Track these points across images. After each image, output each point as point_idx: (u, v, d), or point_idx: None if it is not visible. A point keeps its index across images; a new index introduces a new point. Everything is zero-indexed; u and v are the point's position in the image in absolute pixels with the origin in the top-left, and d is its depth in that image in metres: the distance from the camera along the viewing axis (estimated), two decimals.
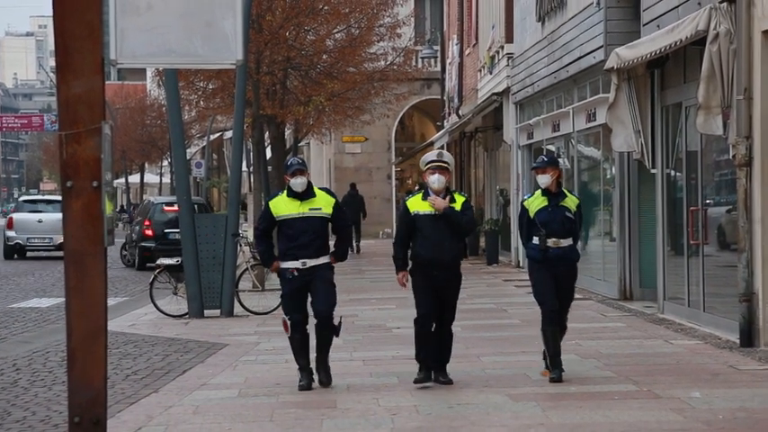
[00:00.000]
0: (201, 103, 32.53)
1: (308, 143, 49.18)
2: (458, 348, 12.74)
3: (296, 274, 10.19)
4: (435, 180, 10.24)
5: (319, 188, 10.52)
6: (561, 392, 9.83)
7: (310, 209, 10.26)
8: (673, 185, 15.83)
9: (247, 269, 18.53)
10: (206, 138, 51.21)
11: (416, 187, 46.83)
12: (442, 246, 10.12)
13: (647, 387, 9.87)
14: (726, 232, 14.10)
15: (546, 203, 10.54)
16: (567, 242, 10.52)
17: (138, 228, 31.01)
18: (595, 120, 18.95)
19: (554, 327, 10.41)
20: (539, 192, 10.69)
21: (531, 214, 10.57)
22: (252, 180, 36.97)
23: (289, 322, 10.27)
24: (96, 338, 6.37)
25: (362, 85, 30.98)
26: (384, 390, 10.12)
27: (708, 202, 14.44)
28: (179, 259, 17.54)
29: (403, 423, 8.65)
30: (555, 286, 10.45)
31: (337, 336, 10.42)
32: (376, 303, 18.46)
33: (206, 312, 16.98)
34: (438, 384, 10.13)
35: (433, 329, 10.26)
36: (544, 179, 10.58)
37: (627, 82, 15.82)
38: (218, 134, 56.00)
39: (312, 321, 10.36)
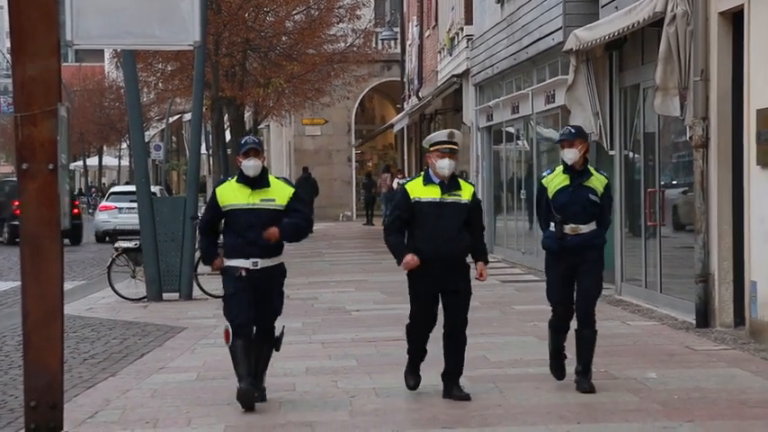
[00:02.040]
0: (160, 84, 32.34)
1: (268, 125, 49.01)
2: None
3: (244, 274, 8.68)
4: (446, 166, 8.72)
5: (277, 178, 9.02)
6: (519, 374, 9.88)
7: (262, 200, 8.68)
8: (631, 167, 15.91)
9: None
10: (165, 120, 50.93)
11: (383, 171, 46.79)
12: (448, 238, 8.64)
13: (604, 368, 9.93)
14: (682, 214, 14.21)
15: (567, 182, 8.99)
16: (587, 228, 8.97)
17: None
18: (554, 101, 19.01)
19: (560, 329, 9.16)
20: (560, 168, 9.12)
21: (551, 194, 9.05)
22: (211, 163, 36.83)
23: (231, 329, 8.67)
24: (52, 322, 6.32)
25: (322, 67, 30.91)
26: (342, 372, 10.12)
27: (662, 183, 14.54)
28: (137, 242, 17.46)
29: (361, 405, 8.66)
30: (571, 284, 9.01)
31: (277, 349, 9.03)
32: (335, 286, 18.45)
33: (164, 296, 16.91)
34: (453, 400, 8.72)
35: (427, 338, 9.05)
36: (571, 154, 8.98)
37: (585, 63, 15.87)
38: (177, 116, 55.69)
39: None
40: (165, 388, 9.64)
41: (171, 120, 52.97)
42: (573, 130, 9.16)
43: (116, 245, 18.21)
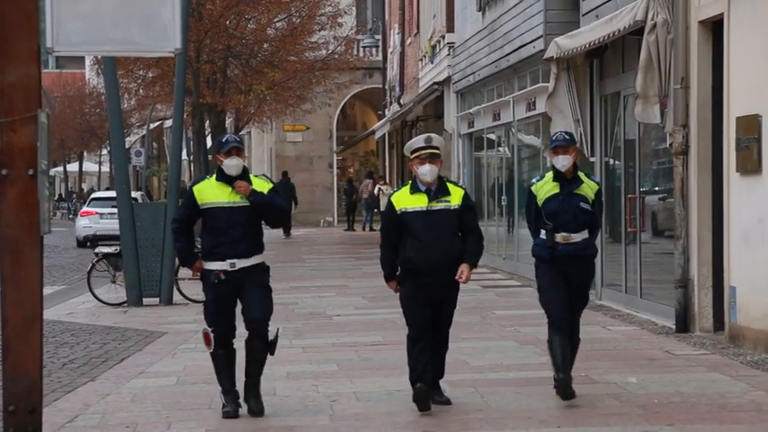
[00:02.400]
0: (141, 91, 32.34)
1: (249, 132, 49.00)
2: (398, 336, 12.81)
3: (222, 277, 8.35)
4: (427, 172, 8.45)
5: (255, 175, 8.73)
6: (500, 379, 9.90)
7: (242, 197, 8.42)
8: (611, 174, 15.97)
9: None
10: (146, 126, 50.86)
11: (369, 178, 46.78)
12: (437, 247, 8.39)
13: (585, 372, 9.96)
14: (662, 220, 14.27)
15: (557, 190, 8.72)
16: (579, 236, 8.71)
17: None
18: (535, 109, 19.06)
19: (562, 337, 8.66)
20: (549, 175, 8.82)
21: (540, 202, 8.77)
22: (192, 169, 36.79)
23: (211, 334, 8.45)
24: (32, 327, 6.31)
25: (303, 74, 30.96)
26: (323, 377, 10.13)
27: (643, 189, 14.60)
28: (117, 248, 17.43)
29: (342, 409, 8.67)
30: (565, 291, 8.73)
31: (272, 353, 8.54)
32: (316, 291, 18.46)
33: (145, 301, 16.89)
34: (435, 404, 8.54)
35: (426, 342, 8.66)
36: (565, 161, 8.69)
37: (566, 71, 15.93)
38: (158, 123, 55.63)
39: (242, 336, 8.60)
40: (144, 392, 9.62)
41: (152, 126, 52.89)
42: (567, 136, 8.86)
43: (96, 250, 18.20)
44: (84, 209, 35.12)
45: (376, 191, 40.59)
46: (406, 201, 8.51)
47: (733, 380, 9.56)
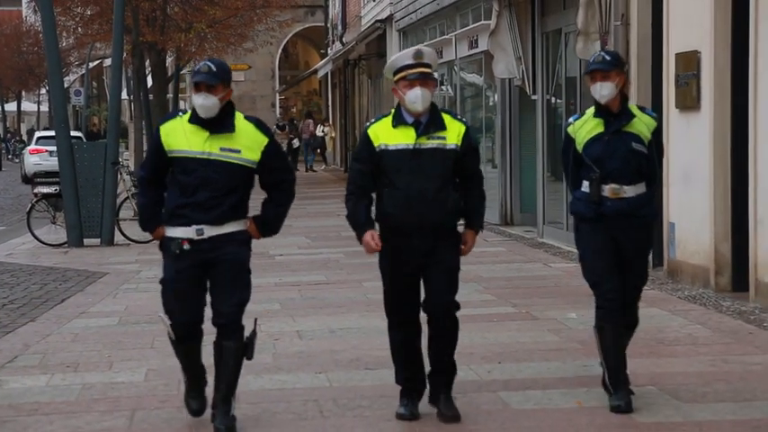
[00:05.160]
0: (80, 29, 31.83)
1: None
2: (340, 275, 12.85)
3: (186, 247, 6.32)
4: (417, 98, 6.38)
5: (247, 118, 6.45)
6: None
7: (222, 148, 6.28)
8: (553, 112, 16.02)
9: (128, 198, 18.30)
10: (85, 65, 50.17)
11: (309, 118, 46.46)
12: (425, 198, 6.33)
13: (526, 309, 10.04)
14: None
15: (601, 129, 6.74)
16: (634, 189, 6.72)
17: None
18: (477, 46, 19.02)
19: (614, 323, 6.74)
20: (590, 111, 6.86)
21: (580, 147, 6.80)
22: (132, 108, 36.40)
23: (167, 321, 6.47)
24: None
25: (245, 12, 30.62)
26: (266, 316, 10.10)
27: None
28: (57, 188, 17.26)
29: (285, 348, 8.68)
30: (615, 259, 6.76)
31: (249, 357, 6.46)
32: None
33: (86, 241, 16.76)
34: (443, 421, 6.48)
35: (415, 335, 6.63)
36: (606, 89, 6.68)
37: (508, 8, 15.90)
38: (97, 62, 54.88)
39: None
40: (86, 333, 9.57)
41: (91, 65, 52.20)
42: (608, 57, 6.76)
43: (35, 190, 17.99)
44: (33, 146, 37.83)
45: (319, 132, 40.43)
46: (387, 135, 6.41)
47: (671, 314, 9.69)
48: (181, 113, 6.46)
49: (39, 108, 66.87)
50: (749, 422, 6.33)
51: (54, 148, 33.38)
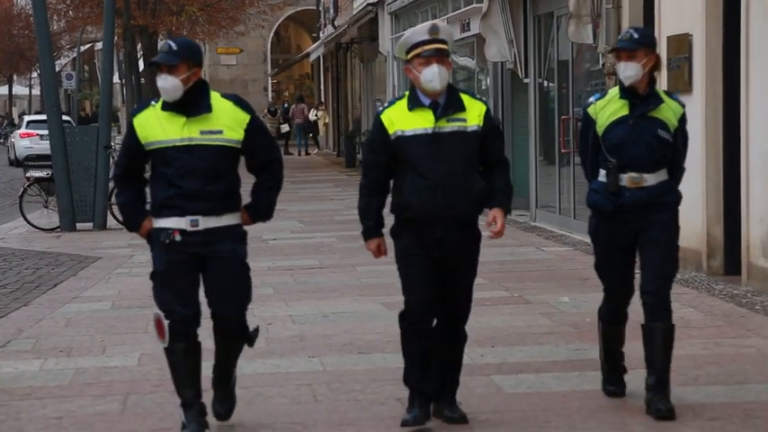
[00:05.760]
0: (71, 12, 31.78)
1: None
2: (333, 259, 12.85)
3: (177, 238, 5.86)
4: (434, 76, 5.87)
5: (225, 96, 6.06)
6: None
7: (202, 131, 5.86)
8: (545, 95, 16.01)
9: None
10: (76, 49, 50.04)
11: (300, 102, 46.36)
12: (448, 187, 5.87)
13: (518, 293, 10.06)
14: None
15: (626, 112, 6.25)
16: (655, 178, 6.25)
17: None
18: (469, 30, 19.01)
19: (616, 324, 6.54)
20: (614, 91, 6.35)
21: (600, 129, 6.29)
22: (125, 92, 36.34)
23: (165, 321, 5.90)
24: None
25: None
26: (259, 301, 10.05)
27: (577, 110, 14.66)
28: (50, 172, 17.24)
29: (278, 332, 8.69)
30: (632, 257, 6.38)
31: (251, 345, 6.23)
32: None
33: (78, 226, 16.74)
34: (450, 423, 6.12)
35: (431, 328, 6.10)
36: (631, 69, 6.18)
37: None
38: (88, 45, 54.76)
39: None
40: (78, 317, 9.57)
41: (82, 48, 52.07)
42: (636, 35, 6.26)
43: (27, 174, 17.98)
44: (24, 130, 38.03)
45: (312, 116, 40.34)
46: (403, 120, 5.93)
47: None
48: (154, 102, 5.99)
49: (30, 92, 66.70)
50: (741, 405, 6.35)
51: (44, 132, 33.80)
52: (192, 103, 5.87)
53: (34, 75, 61.88)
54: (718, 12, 10.69)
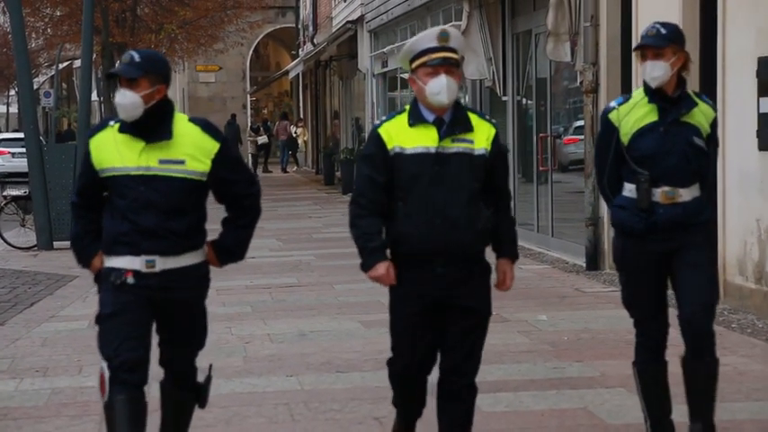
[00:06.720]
0: (49, 30, 31.72)
1: None
2: (312, 277, 12.83)
3: (130, 281, 5.05)
4: (442, 88, 5.07)
5: (193, 120, 5.16)
6: None
7: (161, 160, 5.03)
8: (523, 113, 16.06)
9: None
10: (55, 67, 49.93)
11: (284, 119, 46.37)
12: (451, 215, 5.04)
13: (496, 311, 9.87)
14: (574, 159, 14.39)
15: (655, 118, 5.49)
16: (689, 192, 5.50)
17: None
18: None
19: (656, 364, 5.77)
20: (639, 94, 5.58)
21: (626, 138, 5.53)
22: (102, 110, 36.24)
23: (107, 372, 5.02)
24: None
25: (215, 13, 30.60)
26: (237, 319, 10.10)
27: (557, 128, 14.70)
28: (27, 190, 17.16)
29: (256, 351, 8.66)
30: (665, 284, 5.64)
31: (201, 405, 5.43)
32: None
33: (55, 244, 16.67)
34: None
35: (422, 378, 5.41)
36: (656, 70, 5.43)
37: (478, 9, 15.92)
38: (67, 63, 54.66)
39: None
40: (55, 336, 9.52)
41: (61, 66, 51.96)
42: (663, 31, 5.46)
43: (4, 193, 17.91)
44: None
45: (293, 132, 40.36)
46: (404, 137, 5.13)
47: None
48: (112, 122, 5.12)
49: (8, 110, 66.50)
50: (718, 424, 6.35)
51: (17, 150, 33.86)
52: (153, 127, 5.01)
53: (12, 93, 61.68)
54: (695, 30, 10.74)
